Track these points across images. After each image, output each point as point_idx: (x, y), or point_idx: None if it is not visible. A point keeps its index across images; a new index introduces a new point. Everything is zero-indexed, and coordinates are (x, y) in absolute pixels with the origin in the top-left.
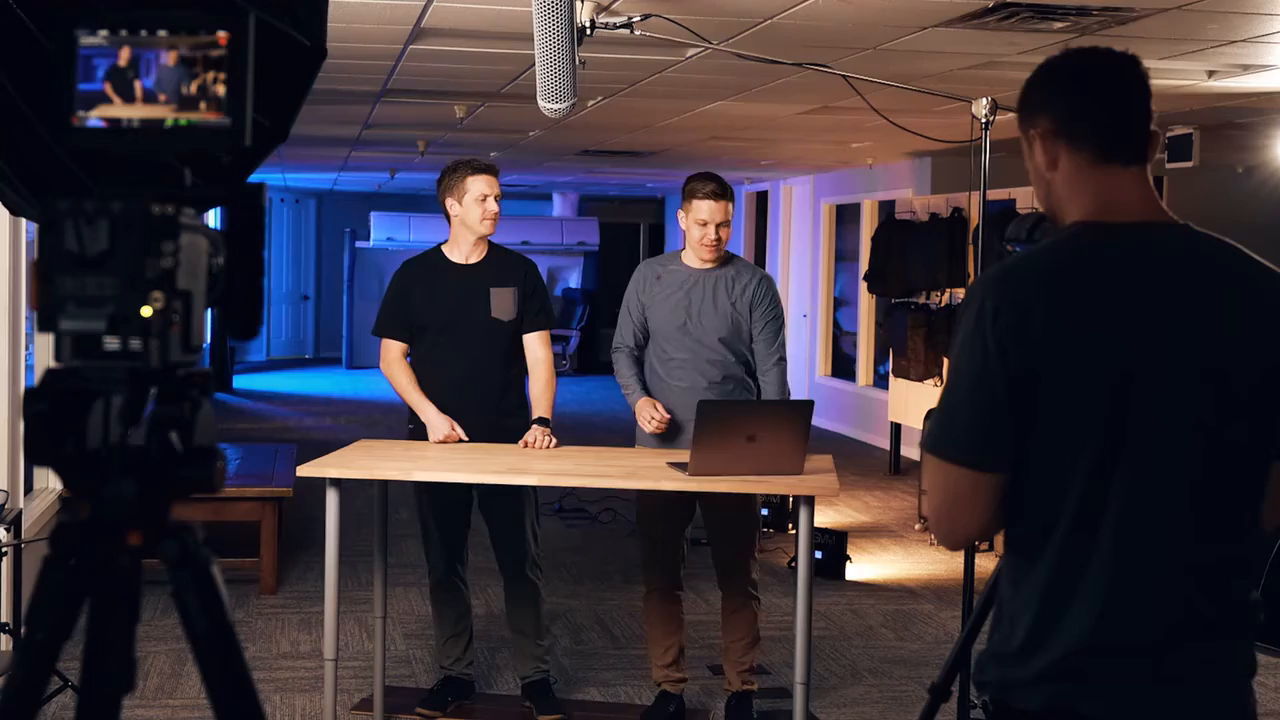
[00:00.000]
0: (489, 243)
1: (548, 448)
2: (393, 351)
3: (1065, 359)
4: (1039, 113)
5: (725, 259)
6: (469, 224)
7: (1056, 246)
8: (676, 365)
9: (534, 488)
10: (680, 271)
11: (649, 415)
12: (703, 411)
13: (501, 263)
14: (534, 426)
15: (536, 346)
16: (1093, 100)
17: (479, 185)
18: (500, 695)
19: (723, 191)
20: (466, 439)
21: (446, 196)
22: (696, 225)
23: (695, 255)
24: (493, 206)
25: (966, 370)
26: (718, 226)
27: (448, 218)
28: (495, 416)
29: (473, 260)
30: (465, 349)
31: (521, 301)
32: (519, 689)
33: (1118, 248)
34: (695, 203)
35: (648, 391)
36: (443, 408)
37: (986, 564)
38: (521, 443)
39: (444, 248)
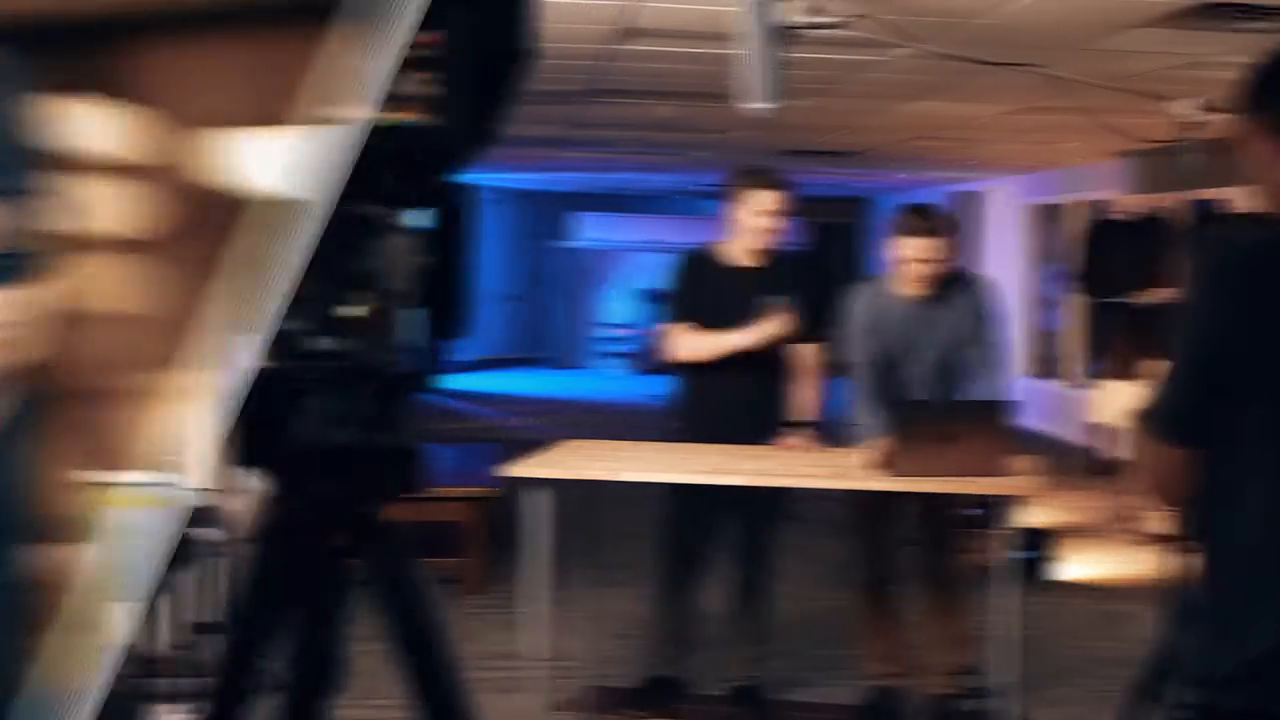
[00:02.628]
0: (772, 243)
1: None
2: (681, 331)
3: None
4: (1268, 107)
5: (944, 279)
6: (745, 233)
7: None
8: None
9: (786, 493)
10: (899, 307)
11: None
12: (901, 413)
13: (781, 268)
14: (794, 430)
15: (808, 355)
16: None
17: (763, 200)
18: (707, 696)
19: (931, 229)
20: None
21: (731, 199)
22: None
23: (905, 284)
24: (771, 223)
25: (1185, 353)
26: (925, 262)
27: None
28: (762, 419)
29: (752, 263)
30: (735, 353)
31: (796, 309)
32: (727, 691)
33: None
34: (901, 239)
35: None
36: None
37: (1191, 561)
38: (783, 445)
39: (723, 246)
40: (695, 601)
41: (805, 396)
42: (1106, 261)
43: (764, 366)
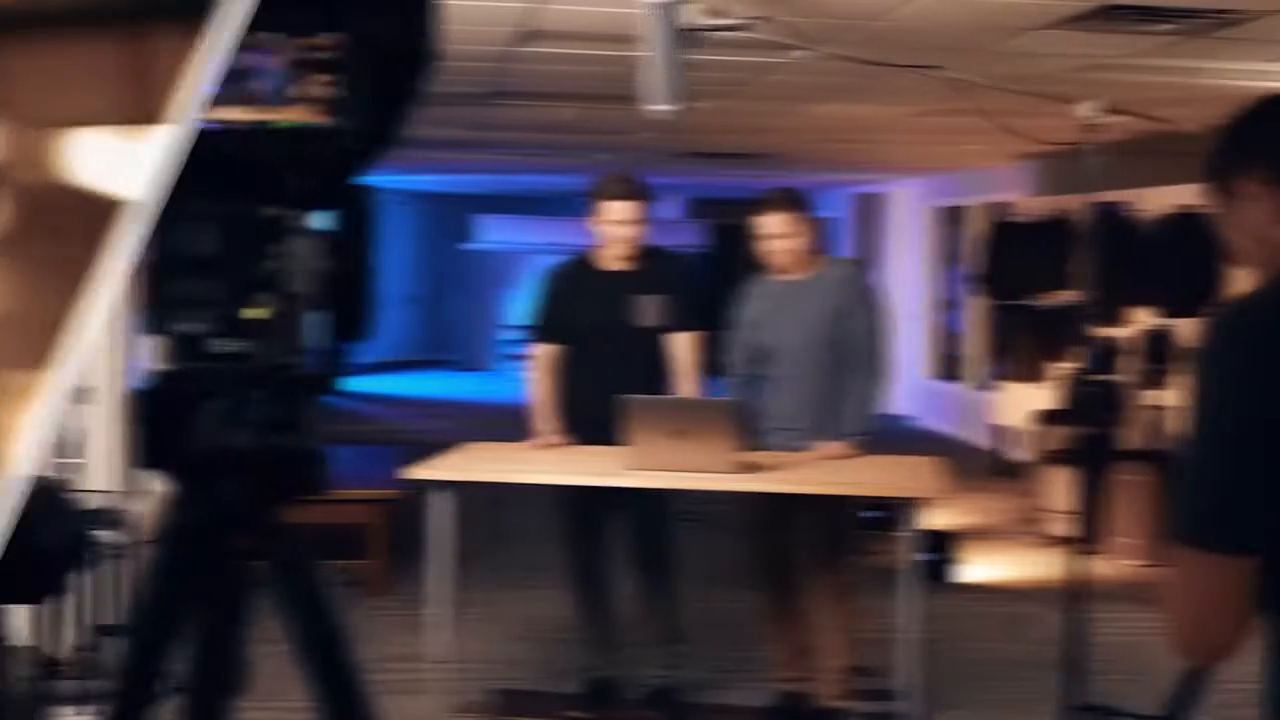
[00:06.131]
0: (638, 245)
1: None
2: (540, 357)
3: None
4: (1256, 161)
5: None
6: (606, 240)
7: None
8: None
9: (669, 494)
10: (772, 291)
11: None
12: (631, 409)
13: (650, 267)
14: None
15: (679, 347)
16: None
17: (612, 210)
18: (630, 700)
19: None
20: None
21: (589, 209)
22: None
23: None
24: (624, 232)
25: (1214, 433)
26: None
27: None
28: None
29: (620, 266)
30: (612, 354)
31: (669, 305)
32: (644, 694)
33: None
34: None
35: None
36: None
37: (1097, 565)
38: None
39: (592, 253)
40: (610, 602)
41: (684, 392)
42: (1008, 263)
43: (641, 363)
